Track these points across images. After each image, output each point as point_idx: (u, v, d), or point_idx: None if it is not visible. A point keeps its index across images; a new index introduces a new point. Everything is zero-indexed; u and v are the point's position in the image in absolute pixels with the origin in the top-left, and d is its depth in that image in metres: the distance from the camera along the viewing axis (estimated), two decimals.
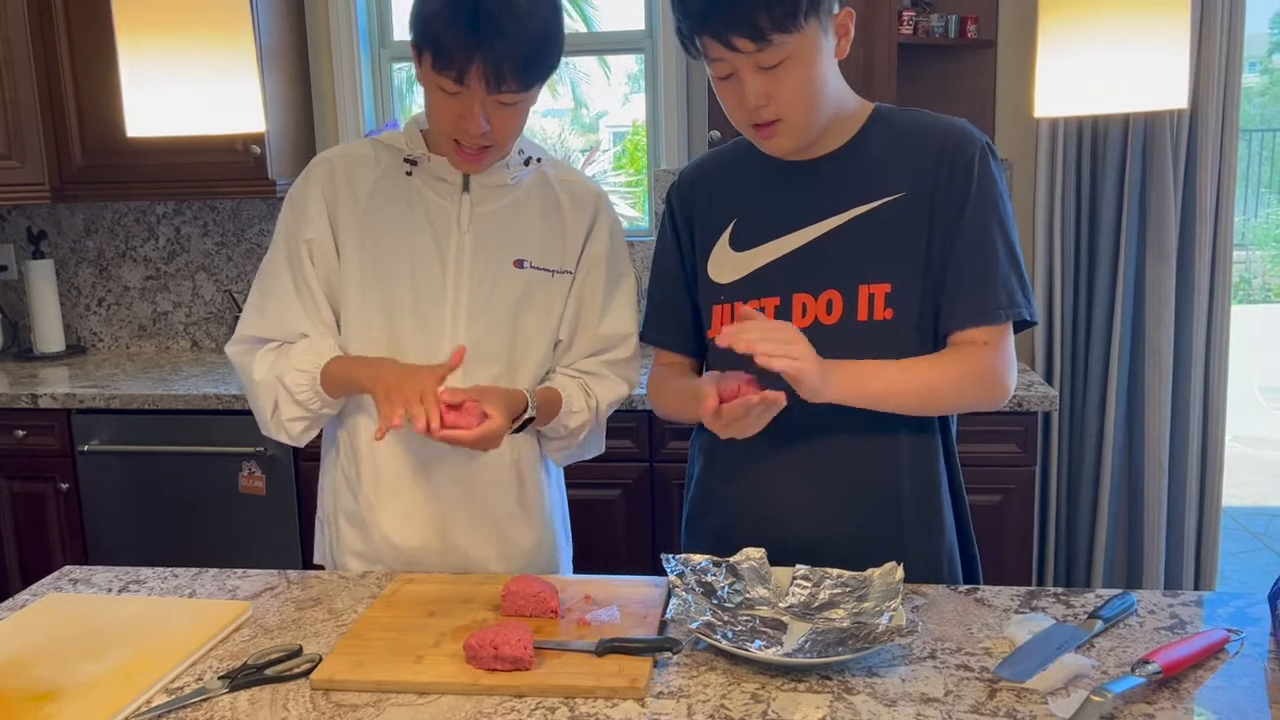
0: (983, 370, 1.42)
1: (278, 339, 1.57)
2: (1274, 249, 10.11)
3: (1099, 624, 1.30)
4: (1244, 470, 5.34)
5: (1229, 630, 1.27)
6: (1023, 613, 1.36)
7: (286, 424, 1.57)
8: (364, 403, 1.57)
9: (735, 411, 1.32)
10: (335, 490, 1.64)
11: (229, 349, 1.61)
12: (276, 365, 1.55)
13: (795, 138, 1.41)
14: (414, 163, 1.55)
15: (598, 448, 1.71)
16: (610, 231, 1.64)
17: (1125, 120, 2.95)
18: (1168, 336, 2.99)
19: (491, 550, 1.61)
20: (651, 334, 1.64)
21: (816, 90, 1.37)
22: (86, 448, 2.86)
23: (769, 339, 1.29)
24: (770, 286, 1.46)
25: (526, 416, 1.52)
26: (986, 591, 1.43)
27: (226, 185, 3.05)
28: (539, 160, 1.60)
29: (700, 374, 1.64)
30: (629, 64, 6.45)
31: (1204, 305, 2.99)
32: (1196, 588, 3.12)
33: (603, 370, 1.64)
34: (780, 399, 1.32)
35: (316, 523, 1.71)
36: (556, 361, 1.64)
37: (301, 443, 1.61)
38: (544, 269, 1.58)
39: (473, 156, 1.48)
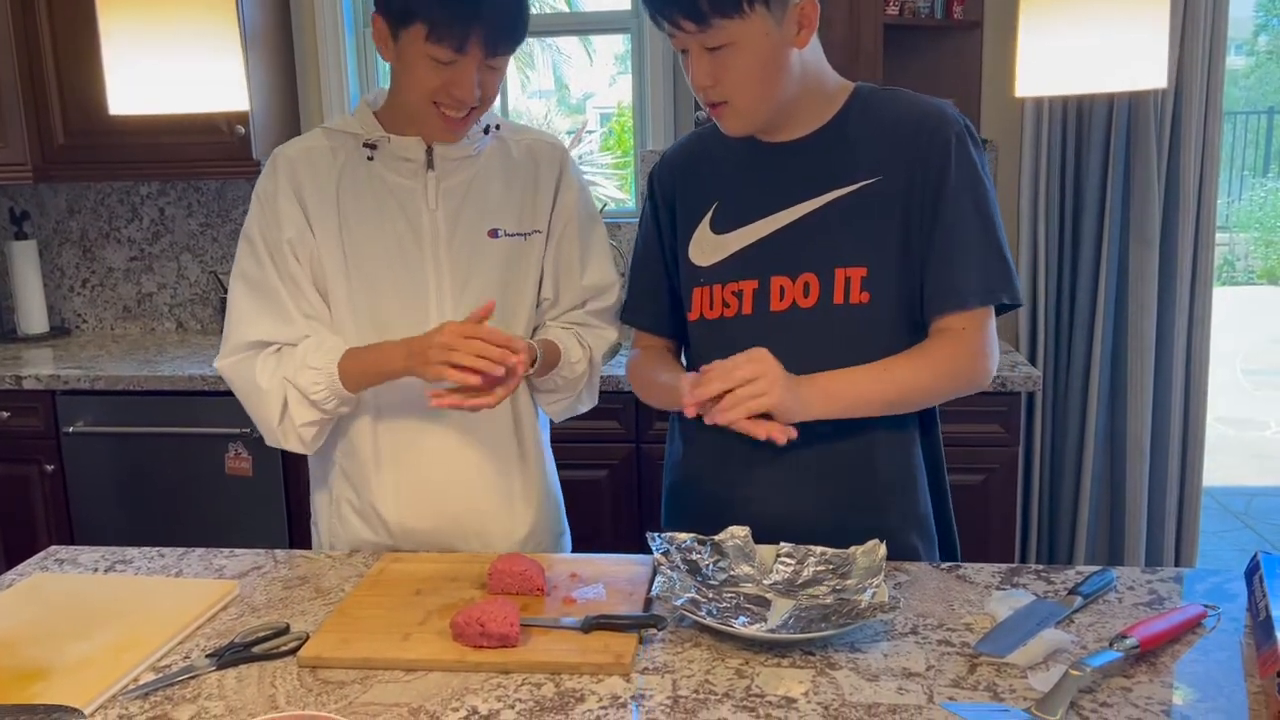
0: (959, 356, 1.42)
1: (278, 341, 1.52)
2: (1257, 231, 10.17)
3: (1078, 600, 1.32)
4: (1225, 451, 5.39)
5: (1206, 606, 1.29)
6: (1004, 589, 1.38)
7: (299, 430, 1.52)
8: (363, 400, 1.56)
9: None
10: (331, 485, 1.63)
11: (221, 364, 1.54)
12: (282, 368, 1.50)
13: (743, 120, 1.41)
14: (374, 146, 1.54)
15: (591, 400, 1.70)
16: (578, 183, 1.64)
17: (1109, 102, 2.95)
18: (1150, 318, 3.01)
19: (497, 528, 1.62)
20: (631, 315, 1.64)
21: (764, 77, 1.36)
22: (71, 429, 2.85)
23: (729, 384, 1.30)
24: (748, 269, 1.46)
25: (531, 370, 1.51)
26: (968, 568, 1.45)
27: (210, 166, 3.04)
28: (497, 127, 1.60)
29: (679, 355, 1.64)
30: (616, 45, 6.43)
31: (1186, 287, 3.01)
32: (1177, 566, 3.15)
33: (590, 320, 1.65)
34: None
35: (312, 525, 1.69)
36: (543, 317, 1.65)
37: (311, 449, 1.56)
38: (517, 234, 1.58)
39: (460, 123, 1.48)
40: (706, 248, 1.51)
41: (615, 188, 6.75)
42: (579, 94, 9.21)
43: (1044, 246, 3.03)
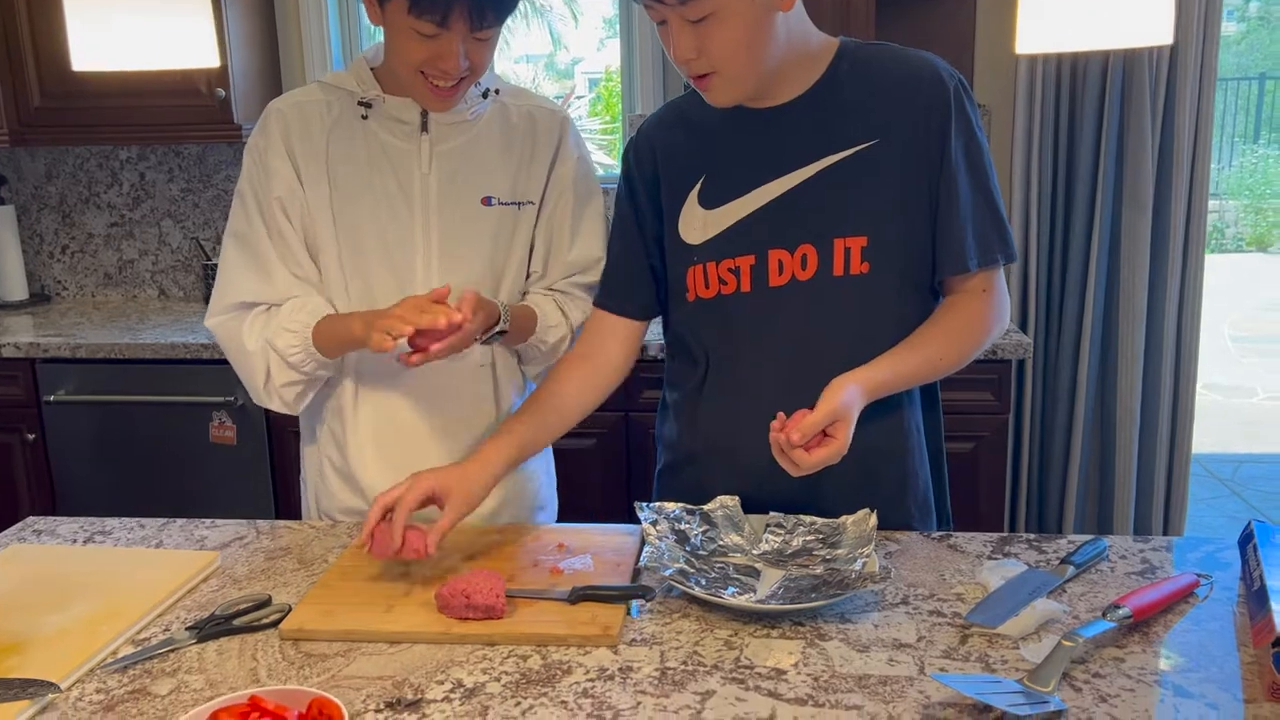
0: (975, 318, 1.41)
1: (265, 302, 1.51)
2: (1247, 199, 10.16)
3: (1070, 569, 1.31)
4: (1214, 418, 5.41)
5: (1199, 575, 1.28)
6: (995, 559, 1.36)
7: (280, 390, 1.52)
8: (346, 363, 1.55)
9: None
10: (320, 449, 1.62)
11: (210, 323, 1.54)
12: (267, 329, 1.49)
13: (732, 91, 1.35)
14: (368, 105, 1.51)
15: None
16: (576, 154, 1.60)
17: (1104, 66, 2.92)
18: (1142, 285, 2.99)
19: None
20: (616, 304, 1.53)
21: (749, 44, 1.30)
22: (52, 398, 2.81)
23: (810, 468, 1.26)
24: (744, 244, 1.41)
25: (498, 329, 1.48)
26: (959, 538, 1.43)
27: (191, 130, 2.97)
28: (497, 92, 1.56)
29: (639, 340, 1.55)
30: (604, 8, 6.34)
31: (1178, 254, 2.99)
32: (1165, 533, 3.16)
33: (575, 290, 1.61)
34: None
35: (301, 484, 1.69)
36: (530, 287, 1.62)
37: (297, 409, 1.56)
38: (511, 203, 1.55)
39: (448, 93, 1.44)
40: (696, 224, 1.44)
41: (604, 154, 6.70)
42: (566, 59, 9.11)
43: (1037, 212, 3.01)
